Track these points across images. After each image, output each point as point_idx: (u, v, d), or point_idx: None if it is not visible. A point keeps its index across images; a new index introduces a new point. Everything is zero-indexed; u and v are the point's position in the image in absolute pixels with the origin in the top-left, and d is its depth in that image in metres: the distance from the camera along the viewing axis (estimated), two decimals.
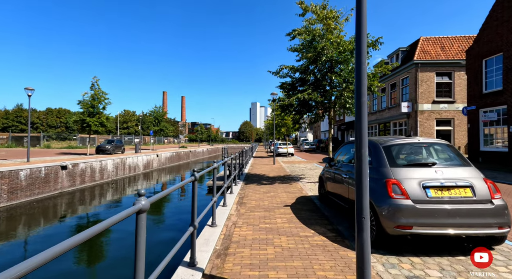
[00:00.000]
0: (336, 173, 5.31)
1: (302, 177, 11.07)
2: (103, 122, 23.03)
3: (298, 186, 8.86)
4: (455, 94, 22.28)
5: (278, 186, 8.91)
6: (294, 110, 9.32)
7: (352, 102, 8.38)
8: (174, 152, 34.66)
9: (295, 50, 9.11)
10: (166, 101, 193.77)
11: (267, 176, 11.49)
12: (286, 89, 9.63)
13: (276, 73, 9.48)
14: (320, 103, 8.45)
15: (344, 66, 8.39)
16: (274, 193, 7.66)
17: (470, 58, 15.94)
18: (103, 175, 19.89)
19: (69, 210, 12.73)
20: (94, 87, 23.24)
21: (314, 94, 8.11)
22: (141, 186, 20.40)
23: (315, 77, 9.04)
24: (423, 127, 22.34)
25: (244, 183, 9.67)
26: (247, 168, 15.33)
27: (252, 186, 8.96)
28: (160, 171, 27.78)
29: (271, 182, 9.84)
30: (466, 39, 23.64)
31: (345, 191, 4.73)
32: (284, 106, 9.41)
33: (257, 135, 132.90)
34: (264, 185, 9.16)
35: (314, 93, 8.14)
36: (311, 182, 9.65)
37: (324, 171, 6.21)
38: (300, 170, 13.78)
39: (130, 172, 23.69)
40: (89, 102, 22.68)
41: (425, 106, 22.33)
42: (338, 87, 8.54)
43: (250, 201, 6.65)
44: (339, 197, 5.08)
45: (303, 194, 7.43)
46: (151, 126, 36.34)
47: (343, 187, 4.82)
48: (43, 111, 73.13)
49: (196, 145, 65.52)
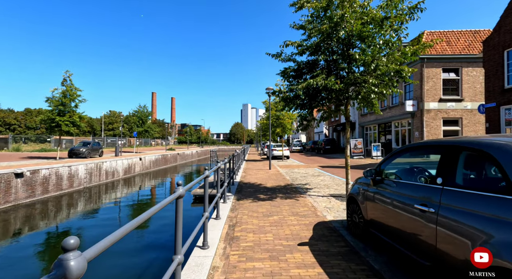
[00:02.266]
0: (395, 198, 3.15)
1: (308, 188, 8.92)
2: (75, 121, 20.37)
3: (308, 202, 6.70)
4: (463, 92, 20.70)
5: (281, 202, 6.72)
6: (301, 103, 7.16)
7: (380, 90, 6.29)
8: (160, 154, 32.06)
9: (300, 27, 6.97)
10: (155, 102, 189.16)
11: (264, 187, 9.30)
12: (290, 76, 7.48)
13: (277, 55, 7.33)
14: (337, 92, 6.32)
15: (368, 43, 6.31)
16: (278, 216, 5.47)
17: (488, 49, 14.27)
18: (73, 183, 17.25)
19: (25, 226, 10.22)
20: (66, 82, 20.58)
21: (330, 80, 5.98)
22: (120, 193, 17.88)
23: (326, 61, 6.92)
24: (429, 127, 20.66)
25: (236, 197, 7.44)
26: (239, 174, 13.09)
27: (246, 203, 6.73)
28: (143, 176, 25.19)
29: (270, 195, 7.64)
30: (473, 33, 22.18)
31: (422, 234, 2.58)
32: (287, 99, 7.24)
33: (249, 136, 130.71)
34: (263, 201, 6.95)
35: (330, 78, 6.01)
36: (322, 196, 7.50)
37: (360, 190, 4.05)
38: (302, 178, 11.64)
39: (108, 178, 21.06)
40: (59, 100, 20.00)
41: (431, 105, 20.66)
42: (362, 71, 6.44)
43: (245, 234, 4.43)
44: (403, 240, 2.92)
45: (320, 218, 5.26)
46: (134, 127, 33.59)
47: (417, 226, 2.67)
48: (21, 112, 68.86)
49: (185, 147, 62.71)
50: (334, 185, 9.32)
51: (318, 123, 7.56)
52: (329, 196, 7.48)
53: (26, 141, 40.20)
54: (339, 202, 6.64)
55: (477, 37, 21.94)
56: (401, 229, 2.96)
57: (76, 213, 12.82)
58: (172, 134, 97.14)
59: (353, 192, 4.26)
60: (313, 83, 5.98)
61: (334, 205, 6.38)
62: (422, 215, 2.57)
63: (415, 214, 2.68)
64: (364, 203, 3.84)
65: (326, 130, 51.06)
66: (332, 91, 6.34)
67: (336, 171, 13.88)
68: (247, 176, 12.25)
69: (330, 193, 7.84)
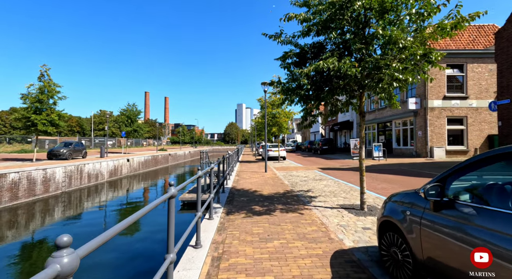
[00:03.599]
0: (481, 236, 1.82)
1: (311, 196, 7.60)
2: (53, 120, 18.68)
3: (315, 217, 5.36)
4: (467, 89, 19.69)
5: (282, 217, 5.37)
6: (305, 95, 5.82)
7: (405, 77, 4.99)
8: (151, 155, 30.42)
9: (304, 4, 5.64)
10: (149, 102, 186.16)
11: (260, 194, 7.94)
12: (291, 64, 6.15)
13: (276, 36, 5.99)
14: (353, 80, 4.99)
15: (389, 19, 5.01)
16: (279, 240, 4.12)
17: (501, 41, 13.19)
18: (49, 187, 15.64)
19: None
20: (43, 77, 18.89)
21: (345, 62, 4.65)
22: (105, 197, 16.36)
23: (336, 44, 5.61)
24: (433, 126, 19.59)
25: (226, 210, 6.06)
26: (231, 178, 11.71)
27: (238, 219, 5.36)
28: (131, 178, 23.60)
29: (268, 207, 6.29)
30: (477, 28, 21.22)
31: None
32: (288, 90, 5.89)
33: (243, 136, 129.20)
34: (259, 215, 5.60)
35: (345, 60, 4.68)
36: (331, 208, 6.17)
37: (405, 214, 2.69)
38: (303, 182, 10.32)
39: (90, 181, 19.44)
40: (36, 96, 18.31)
41: (435, 103, 19.59)
42: (380, 54, 5.13)
43: (235, 276, 3.05)
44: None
45: (336, 244, 3.93)
46: (123, 127, 31.85)
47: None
48: (6, 111, 66.12)
49: (178, 147, 60.93)
50: (342, 192, 8.02)
51: (326, 119, 6.25)
52: (339, 207, 6.16)
53: (12, 141, 38.09)
54: (353, 217, 5.33)
55: (481, 32, 20.99)
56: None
57: (52, 221, 11.41)
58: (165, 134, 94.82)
59: (391, 214, 2.92)
60: (323, 66, 4.64)
61: (349, 221, 5.06)
62: None
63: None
64: (414, 235, 2.51)
65: (323, 130, 49.97)
66: (346, 77, 5.01)
67: (339, 174, 12.62)
68: (240, 181, 10.88)
69: (339, 204, 6.52)
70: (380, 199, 6.99)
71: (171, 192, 2.33)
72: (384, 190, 8.33)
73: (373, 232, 4.41)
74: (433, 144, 19.50)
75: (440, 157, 19.02)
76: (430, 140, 19.53)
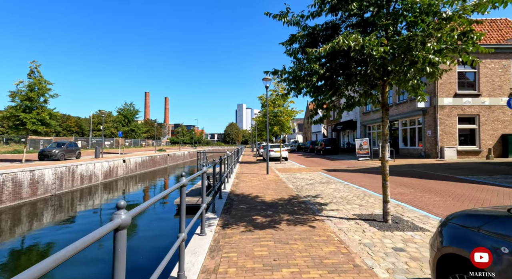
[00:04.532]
0: None
1: (321, 203, 6.63)
2: (44, 119, 17.76)
3: (330, 232, 4.40)
4: (480, 86, 18.69)
5: (290, 233, 4.40)
6: (316, 85, 4.85)
7: (441, 60, 4.03)
8: (148, 156, 29.47)
9: None
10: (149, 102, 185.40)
11: (262, 201, 6.97)
12: (299, 50, 5.18)
13: (281, 15, 5.01)
14: (378, 63, 4.03)
15: None
16: (289, 268, 3.15)
17: None
18: (37, 190, 14.71)
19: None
20: (33, 74, 17.98)
21: (371, 39, 3.68)
22: (100, 200, 15.46)
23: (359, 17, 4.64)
24: (443, 125, 18.59)
25: (222, 222, 5.10)
26: (230, 181, 10.75)
27: (236, 234, 4.40)
28: (127, 179, 22.66)
29: (272, 218, 5.32)
30: (489, 22, 20.23)
31: None
32: (295, 78, 4.91)
33: (243, 137, 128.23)
34: (261, 229, 4.63)
35: (370, 37, 3.71)
36: (347, 219, 5.20)
37: (508, 256, 1.67)
38: (309, 186, 9.35)
39: (83, 183, 18.51)
40: (25, 94, 17.39)
41: (445, 100, 18.60)
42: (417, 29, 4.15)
43: None
44: None
45: (366, 275, 2.95)
46: (119, 127, 30.94)
47: None
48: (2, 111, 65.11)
49: (177, 147, 59.96)
50: (355, 198, 7.05)
51: (340, 113, 5.28)
52: (356, 218, 5.18)
53: (9, 141, 37.21)
54: (377, 232, 4.36)
55: (493, 26, 20.00)
56: None
57: (40, 226, 10.60)
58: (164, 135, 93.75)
59: (463, 247, 1.94)
60: (342, 44, 3.66)
61: (373, 238, 4.09)
62: None
63: None
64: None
65: (325, 130, 48.97)
66: (372, 59, 4.04)
67: (347, 176, 11.64)
68: (240, 184, 9.91)
69: (356, 213, 5.55)
70: (402, 207, 6.01)
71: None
72: (403, 195, 7.35)
73: (409, 255, 3.44)
74: (444, 144, 18.50)
75: (451, 158, 18.02)
76: (440, 140, 18.53)
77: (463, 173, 11.48)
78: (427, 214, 5.37)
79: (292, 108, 20.20)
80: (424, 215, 5.31)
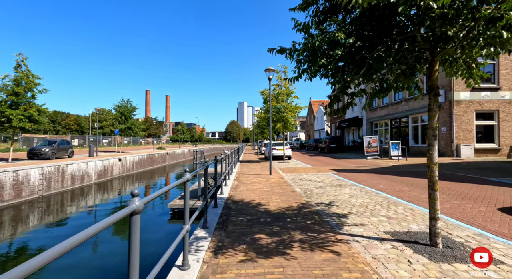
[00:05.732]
0: None
1: (339, 215, 5.40)
2: (32, 116, 16.60)
3: (363, 264, 3.18)
4: (500, 79, 17.33)
5: (307, 265, 3.19)
6: (340, 65, 3.60)
7: None
8: (146, 154, 28.33)
9: None
10: (149, 100, 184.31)
11: (266, 211, 5.74)
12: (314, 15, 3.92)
13: None
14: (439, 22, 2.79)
15: None
16: None
17: None
18: (22, 192, 13.60)
19: None
20: (20, 68, 16.81)
21: None
22: (93, 201, 14.37)
23: None
24: (459, 121, 17.26)
25: (215, 243, 3.88)
26: (229, 183, 9.54)
27: (232, 266, 3.19)
28: (123, 179, 21.54)
29: (280, 238, 4.11)
30: None
31: None
32: (312, 53, 3.64)
33: (245, 135, 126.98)
34: (266, 257, 3.42)
35: None
36: (380, 240, 3.97)
37: None
38: (320, 190, 8.10)
39: (75, 183, 17.38)
40: (11, 88, 16.23)
41: (462, 95, 17.25)
42: None
43: None
44: None
45: None
46: (116, 124, 29.77)
47: None
48: None
49: (177, 146, 58.85)
50: (378, 207, 5.81)
51: (371, 100, 4.04)
52: (391, 239, 3.95)
53: (7, 140, 36.27)
54: (428, 263, 3.13)
55: None
56: None
57: (23, 230, 9.50)
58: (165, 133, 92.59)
59: None
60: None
61: (428, 275, 2.86)
62: None
63: None
64: None
65: (328, 127, 47.63)
66: (427, 18, 2.78)
67: (360, 178, 10.40)
68: (240, 188, 8.69)
69: (387, 231, 4.32)
70: (445, 222, 4.76)
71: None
72: None
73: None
74: (460, 141, 17.19)
75: (468, 156, 16.72)
76: (456, 137, 17.22)
77: (490, 174, 10.22)
78: (482, 232, 4.13)
79: (296, 104, 18.96)
80: (479, 234, 4.07)
